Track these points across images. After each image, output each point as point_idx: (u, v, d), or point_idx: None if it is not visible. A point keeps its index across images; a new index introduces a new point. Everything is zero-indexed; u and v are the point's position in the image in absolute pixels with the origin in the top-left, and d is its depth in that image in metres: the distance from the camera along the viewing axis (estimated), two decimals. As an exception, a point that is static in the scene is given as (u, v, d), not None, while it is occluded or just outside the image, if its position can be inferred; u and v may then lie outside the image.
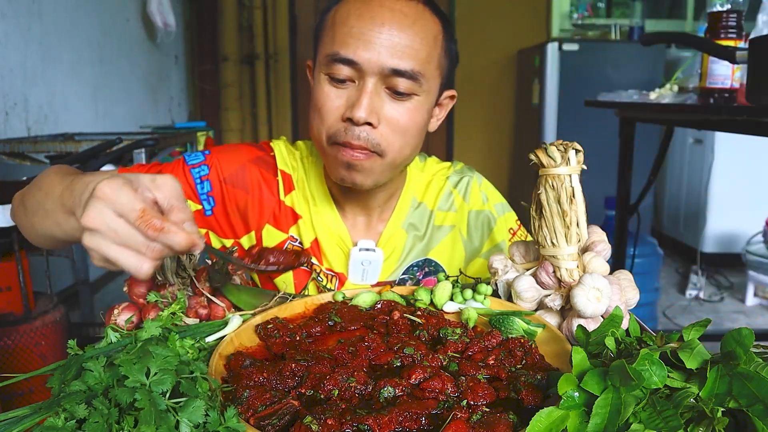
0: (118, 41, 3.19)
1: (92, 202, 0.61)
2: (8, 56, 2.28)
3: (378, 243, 1.11)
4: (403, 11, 0.93)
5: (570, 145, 0.76)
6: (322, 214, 1.10)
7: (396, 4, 0.94)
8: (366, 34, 0.92)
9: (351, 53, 0.92)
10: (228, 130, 4.35)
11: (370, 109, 0.92)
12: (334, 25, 0.96)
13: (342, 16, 0.95)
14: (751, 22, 1.64)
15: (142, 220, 0.61)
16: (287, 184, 1.12)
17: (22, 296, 1.78)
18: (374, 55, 0.91)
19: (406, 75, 0.92)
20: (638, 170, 2.39)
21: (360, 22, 0.92)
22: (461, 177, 1.17)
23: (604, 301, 0.71)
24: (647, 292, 3.02)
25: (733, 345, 0.50)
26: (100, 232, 0.61)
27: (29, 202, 0.89)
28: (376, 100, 0.93)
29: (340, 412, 0.54)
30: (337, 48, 0.93)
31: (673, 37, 2.53)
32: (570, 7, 4.61)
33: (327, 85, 0.96)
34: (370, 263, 1.08)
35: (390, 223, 1.12)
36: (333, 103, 0.95)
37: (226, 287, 0.81)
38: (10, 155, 2.11)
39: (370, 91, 0.92)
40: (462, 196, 1.16)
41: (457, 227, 1.15)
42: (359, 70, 0.92)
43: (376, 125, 0.93)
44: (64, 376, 0.59)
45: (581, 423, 0.48)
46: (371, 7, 0.93)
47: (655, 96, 2.06)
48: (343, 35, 0.93)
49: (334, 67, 0.94)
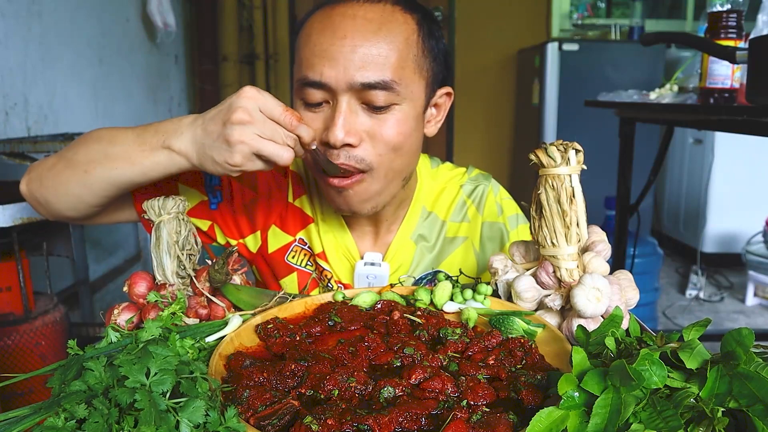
0: (118, 41, 3.19)
1: (240, 101, 0.78)
2: (8, 56, 2.28)
3: (386, 255, 1.08)
4: (366, 17, 0.87)
5: (570, 145, 0.76)
6: (329, 223, 1.08)
7: (359, 11, 0.88)
8: (328, 50, 0.86)
9: (317, 75, 0.87)
10: (228, 130, 4.35)
11: (347, 129, 0.87)
12: (299, 46, 0.91)
13: (306, 34, 0.90)
14: (751, 22, 1.64)
15: (287, 113, 0.80)
16: (297, 186, 1.10)
17: (22, 296, 1.78)
18: (340, 72, 0.86)
19: (379, 86, 0.86)
20: (638, 170, 2.38)
21: (321, 37, 0.87)
22: (476, 186, 1.12)
23: (604, 301, 0.71)
24: (647, 292, 3.02)
25: (733, 345, 0.50)
26: (252, 124, 0.77)
27: (78, 156, 0.90)
28: (353, 118, 0.88)
29: (340, 412, 0.54)
30: (304, 71, 0.88)
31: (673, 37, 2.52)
32: (570, 7, 4.61)
33: (302, 110, 0.91)
34: (375, 277, 1.05)
35: (399, 234, 1.08)
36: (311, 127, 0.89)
37: (226, 287, 0.81)
38: (10, 155, 2.11)
39: (344, 110, 0.87)
40: (476, 207, 1.11)
41: (470, 239, 1.10)
42: (329, 90, 0.88)
43: (356, 144, 0.89)
44: (64, 376, 0.59)
45: (581, 423, 0.48)
46: (332, 20, 0.88)
47: (655, 96, 2.06)
48: (307, 56, 0.88)
49: (305, 91, 0.89)
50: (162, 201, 0.80)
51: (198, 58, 4.29)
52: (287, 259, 1.09)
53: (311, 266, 1.09)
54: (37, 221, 1.69)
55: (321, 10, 0.92)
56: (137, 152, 0.86)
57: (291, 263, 1.09)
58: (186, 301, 0.78)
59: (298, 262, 1.09)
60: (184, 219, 0.81)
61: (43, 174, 0.97)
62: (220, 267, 0.79)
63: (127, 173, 0.88)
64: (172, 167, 0.86)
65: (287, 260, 1.09)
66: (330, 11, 0.89)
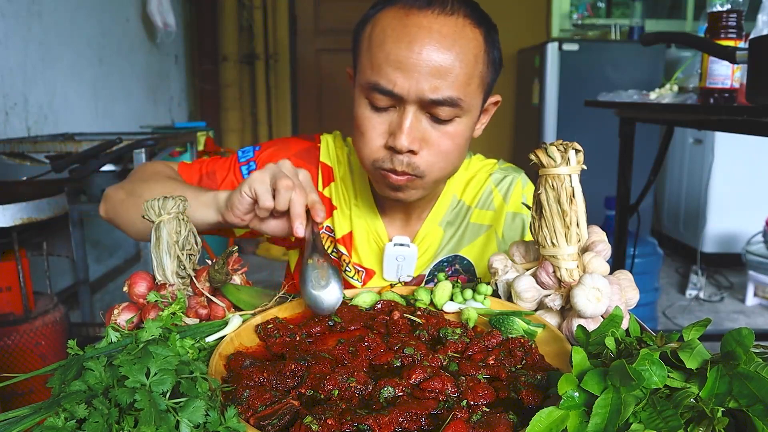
0: (118, 41, 3.19)
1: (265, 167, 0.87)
2: (8, 56, 2.28)
3: (414, 240, 1.11)
4: (441, 31, 0.90)
5: (570, 145, 0.76)
6: (361, 208, 1.12)
7: (434, 23, 0.90)
8: (403, 62, 0.89)
9: (390, 84, 0.90)
10: (228, 130, 4.35)
11: (412, 138, 0.92)
12: (371, 46, 0.93)
13: (379, 37, 0.92)
14: (751, 22, 1.64)
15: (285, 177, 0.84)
16: (326, 176, 1.14)
17: (22, 296, 1.78)
18: (413, 85, 0.89)
19: (446, 103, 0.91)
20: (638, 170, 2.38)
21: (397, 47, 0.90)
22: (505, 176, 1.15)
23: (604, 301, 0.71)
24: (647, 292, 3.02)
25: (733, 345, 0.50)
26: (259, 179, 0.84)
27: (145, 196, 0.97)
28: (418, 126, 0.93)
29: (340, 412, 0.54)
30: (376, 78, 0.92)
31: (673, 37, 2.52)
32: (570, 7, 4.61)
33: (368, 111, 0.96)
34: (404, 258, 1.08)
35: (428, 220, 1.12)
36: (375, 129, 0.95)
37: (226, 287, 0.81)
38: (10, 155, 2.11)
39: (411, 118, 0.92)
40: (502, 196, 1.14)
41: (493, 228, 1.13)
42: (399, 99, 0.91)
43: (418, 151, 0.93)
44: (65, 376, 0.59)
45: (581, 423, 0.48)
46: (408, 29, 0.90)
47: (655, 96, 2.06)
48: (380, 62, 0.91)
49: (373, 95, 0.93)
50: (162, 201, 0.80)
51: (198, 58, 4.29)
52: None
53: (335, 253, 1.14)
54: (37, 221, 1.69)
55: (393, 11, 0.93)
56: (193, 202, 0.94)
57: None
58: (186, 301, 0.78)
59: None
60: (184, 219, 0.81)
61: (116, 206, 1.07)
62: (220, 267, 0.79)
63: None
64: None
65: None
66: (405, 18, 0.91)
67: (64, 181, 1.94)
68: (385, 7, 0.94)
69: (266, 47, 4.39)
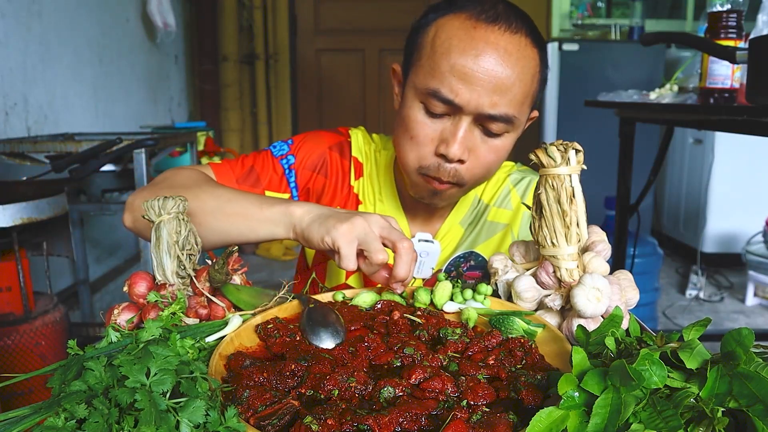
0: (118, 41, 3.19)
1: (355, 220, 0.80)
2: (8, 56, 2.28)
3: (434, 237, 1.13)
4: (507, 48, 0.91)
5: (570, 145, 0.76)
6: (386, 204, 1.14)
7: (501, 39, 0.91)
8: (468, 75, 0.90)
9: (452, 95, 0.91)
10: (228, 130, 4.35)
11: (464, 148, 0.94)
12: (434, 52, 0.93)
13: (444, 45, 0.92)
14: (751, 22, 1.64)
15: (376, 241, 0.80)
16: (357, 171, 1.16)
17: (22, 296, 1.78)
18: (474, 98, 0.90)
19: (501, 120, 0.93)
20: (638, 170, 2.38)
21: (463, 59, 0.90)
22: (523, 177, 1.17)
23: (604, 301, 0.71)
24: (647, 292, 3.02)
25: (733, 345, 0.50)
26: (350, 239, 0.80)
27: (192, 205, 0.92)
28: (470, 137, 0.94)
29: (340, 412, 0.54)
30: (437, 85, 0.92)
31: (673, 37, 2.52)
32: (570, 7, 4.61)
33: (422, 114, 0.96)
34: (427, 254, 1.09)
35: (449, 219, 1.14)
36: (428, 134, 0.96)
37: (226, 287, 0.81)
38: (10, 155, 2.11)
39: (465, 129, 0.93)
40: (520, 196, 1.15)
41: (510, 227, 1.14)
42: (457, 109, 0.92)
43: (466, 161, 0.95)
44: (65, 376, 0.59)
45: (581, 423, 0.48)
46: (475, 42, 0.90)
47: (655, 96, 2.06)
48: (444, 70, 0.91)
49: (432, 101, 0.93)
50: (162, 201, 0.80)
51: (198, 58, 4.29)
52: None
53: None
54: (37, 221, 1.69)
55: (461, 20, 0.93)
56: (257, 214, 0.90)
57: None
58: (186, 301, 0.78)
59: None
60: (184, 219, 0.81)
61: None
62: (220, 267, 0.79)
63: (243, 230, 0.92)
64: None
65: None
66: (473, 31, 0.91)
67: (64, 181, 1.94)
68: (451, 12, 0.94)
69: (266, 47, 4.39)
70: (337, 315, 0.76)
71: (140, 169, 2.07)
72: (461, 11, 0.93)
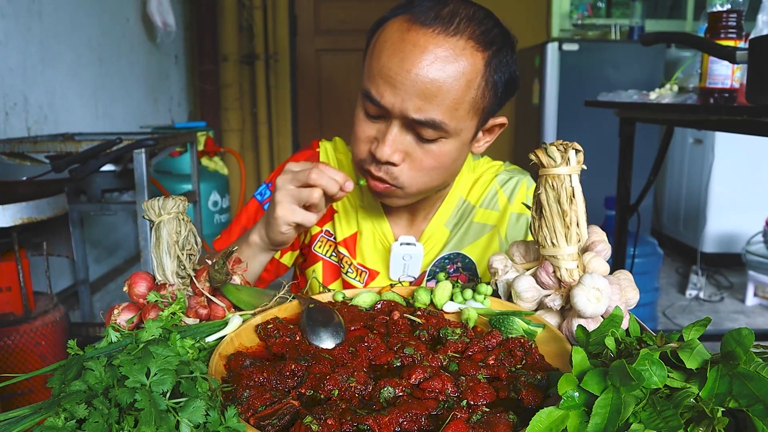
0: (118, 41, 3.19)
1: (273, 198, 0.94)
2: (8, 56, 2.28)
3: (419, 239, 1.13)
4: (436, 53, 0.88)
5: (570, 145, 0.76)
6: (367, 209, 1.13)
7: (431, 43, 0.88)
8: (393, 78, 0.89)
9: (378, 96, 0.91)
10: (228, 130, 4.34)
11: (393, 150, 0.93)
12: (372, 54, 0.94)
13: (378, 48, 0.93)
14: (751, 22, 1.64)
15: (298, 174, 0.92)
16: None
17: (22, 296, 1.78)
18: (398, 102, 0.90)
19: (428, 125, 0.91)
20: (638, 170, 2.38)
21: (391, 61, 0.90)
22: (511, 177, 1.15)
23: (604, 301, 0.71)
24: (647, 292, 3.02)
25: (733, 345, 0.50)
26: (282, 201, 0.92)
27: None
28: (401, 140, 0.94)
29: (340, 412, 0.54)
30: (368, 86, 0.93)
31: (673, 37, 2.52)
32: (570, 7, 4.61)
33: (362, 114, 0.97)
34: (411, 258, 1.09)
35: (433, 221, 1.13)
36: (365, 133, 0.97)
37: (226, 287, 0.81)
38: (10, 155, 2.10)
39: (395, 132, 0.93)
40: (507, 197, 1.14)
41: (497, 228, 1.13)
42: (386, 112, 0.93)
43: (398, 163, 0.95)
44: (64, 376, 0.59)
45: (581, 423, 0.48)
46: (404, 46, 0.89)
47: (655, 96, 2.06)
48: (374, 73, 0.92)
49: (366, 103, 0.95)
50: (162, 201, 0.80)
51: (198, 58, 4.28)
52: (314, 249, 1.17)
53: (335, 257, 1.16)
54: (37, 221, 1.69)
55: (399, 22, 0.92)
56: (247, 254, 1.02)
57: (317, 253, 1.17)
58: (186, 301, 0.78)
59: (323, 252, 1.16)
60: (184, 219, 0.81)
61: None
62: (220, 267, 0.79)
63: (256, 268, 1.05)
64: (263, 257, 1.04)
65: (314, 250, 1.17)
66: (405, 33, 0.90)
67: (64, 181, 1.94)
68: (396, 15, 0.94)
69: (266, 47, 4.39)
70: (337, 315, 0.76)
71: (140, 169, 2.07)
72: (408, 12, 0.92)
